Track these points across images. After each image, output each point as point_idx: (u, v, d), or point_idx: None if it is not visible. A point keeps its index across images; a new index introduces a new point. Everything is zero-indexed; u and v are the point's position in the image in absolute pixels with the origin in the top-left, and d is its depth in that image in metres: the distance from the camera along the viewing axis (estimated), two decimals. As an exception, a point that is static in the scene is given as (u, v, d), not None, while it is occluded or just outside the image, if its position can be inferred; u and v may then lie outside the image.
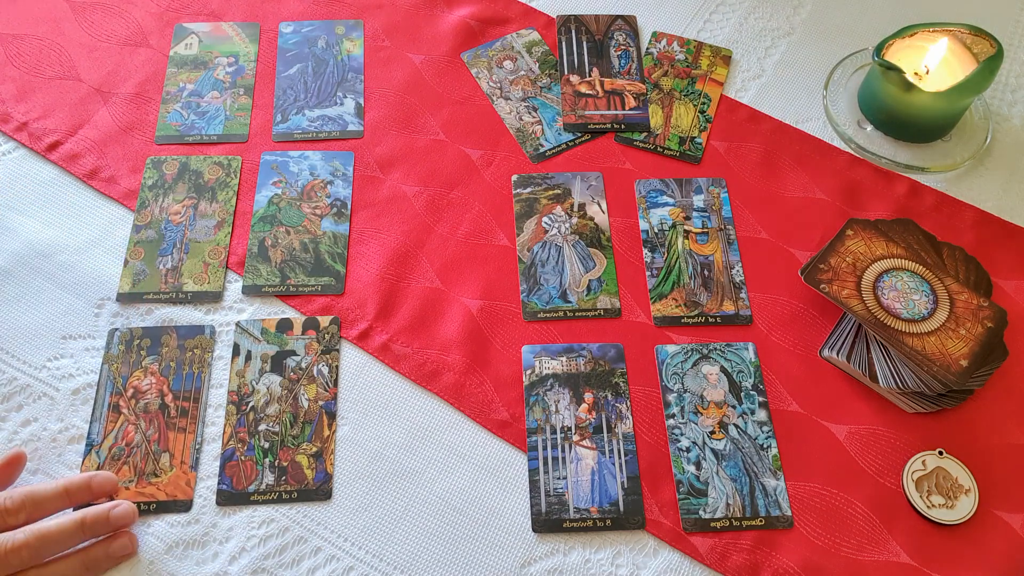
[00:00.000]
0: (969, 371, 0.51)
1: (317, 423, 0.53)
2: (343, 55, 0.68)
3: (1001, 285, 0.58)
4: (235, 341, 0.55)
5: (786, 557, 0.49)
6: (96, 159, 0.63)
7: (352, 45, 0.68)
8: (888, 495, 0.51)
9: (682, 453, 0.52)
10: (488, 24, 0.71)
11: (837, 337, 0.55)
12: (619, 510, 0.50)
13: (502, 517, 0.50)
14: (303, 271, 0.58)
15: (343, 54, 0.68)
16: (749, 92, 0.68)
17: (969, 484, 0.51)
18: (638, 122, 0.66)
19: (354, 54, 0.68)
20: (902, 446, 0.52)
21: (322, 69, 0.68)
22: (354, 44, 0.68)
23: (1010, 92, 0.69)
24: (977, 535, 0.49)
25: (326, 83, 0.67)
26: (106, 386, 0.53)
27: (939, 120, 0.64)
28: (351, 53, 0.68)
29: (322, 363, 0.55)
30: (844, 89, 0.68)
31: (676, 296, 0.58)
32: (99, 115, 0.65)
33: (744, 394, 0.54)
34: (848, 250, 0.56)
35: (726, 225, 0.61)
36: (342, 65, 0.68)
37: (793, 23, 0.72)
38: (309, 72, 0.68)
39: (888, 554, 0.49)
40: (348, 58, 0.68)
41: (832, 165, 0.64)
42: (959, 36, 0.63)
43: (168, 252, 0.59)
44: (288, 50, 0.69)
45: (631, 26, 0.71)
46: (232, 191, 0.61)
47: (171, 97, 0.66)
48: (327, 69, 0.68)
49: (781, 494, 0.50)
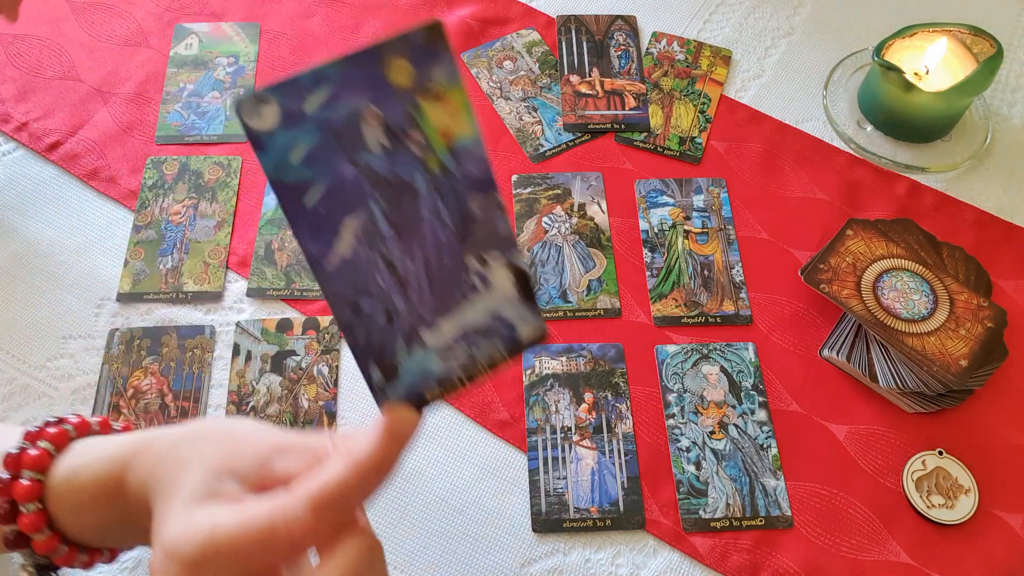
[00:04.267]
0: (969, 371, 0.51)
1: (317, 423, 0.53)
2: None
3: (1001, 285, 0.58)
4: (235, 341, 0.55)
5: (786, 557, 0.49)
6: (96, 159, 0.63)
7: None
8: (888, 495, 0.51)
9: (682, 453, 0.52)
10: (488, 24, 0.71)
11: (837, 337, 0.55)
12: (619, 510, 0.50)
13: (502, 517, 0.50)
14: (308, 275, 0.58)
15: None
16: (749, 92, 0.68)
17: (969, 484, 0.51)
18: (638, 122, 0.66)
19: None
20: (902, 446, 0.52)
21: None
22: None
23: (1010, 92, 0.69)
24: (977, 535, 0.49)
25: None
26: (106, 386, 0.53)
27: (939, 120, 0.64)
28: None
29: (322, 363, 0.55)
30: (844, 89, 0.68)
31: (676, 296, 0.58)
32: (99, 115, 0.65)
33: (744, 394, 0.54)
34: (848, 250, 0.56)
35: (726, 225, 0.61)
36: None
37: (793, 23, 0.72)
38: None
39: (888, 554, 0.49)
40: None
41: (832, 165, 0.64)
42: (959, 36, 0.63)
43: (168, 252, 0.59)
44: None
45: (631, 26, 0.71)
46: (232, 191, 0.61)
47: (171, 97, 0.66)
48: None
49: (781, 494, 0.50)
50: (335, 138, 0.27)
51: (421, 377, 0.31)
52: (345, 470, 0.30)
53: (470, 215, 0.29)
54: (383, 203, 0.28)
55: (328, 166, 0.28)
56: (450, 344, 0.31)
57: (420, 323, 0.30)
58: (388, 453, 0.30)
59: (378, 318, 0.30)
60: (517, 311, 0.31)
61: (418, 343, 0.31)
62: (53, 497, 0.35)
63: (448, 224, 0.29)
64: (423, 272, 0.30)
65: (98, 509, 0.35)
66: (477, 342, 0.31)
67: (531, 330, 0.32)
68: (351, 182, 0.28)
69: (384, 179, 0.28)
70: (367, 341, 0.30)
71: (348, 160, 0.28)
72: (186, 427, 0.35)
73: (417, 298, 0.30)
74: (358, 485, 0.30)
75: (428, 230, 0.29)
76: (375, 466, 0.30)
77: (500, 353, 0.32)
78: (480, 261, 0.30)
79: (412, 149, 0.28)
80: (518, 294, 0.31)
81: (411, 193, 0.29)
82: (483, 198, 0.29)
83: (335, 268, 0.29)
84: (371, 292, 0.29)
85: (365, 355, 0.30)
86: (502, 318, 0.31)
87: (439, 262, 0.30)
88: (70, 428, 0.37)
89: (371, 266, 0.29)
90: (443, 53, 0.27)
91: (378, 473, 0.30)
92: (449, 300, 0.30)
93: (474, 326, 0.31)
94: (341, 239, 0.29)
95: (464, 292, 0.31)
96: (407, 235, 0.29)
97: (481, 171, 0.29)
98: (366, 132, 0.27)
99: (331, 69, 0.27)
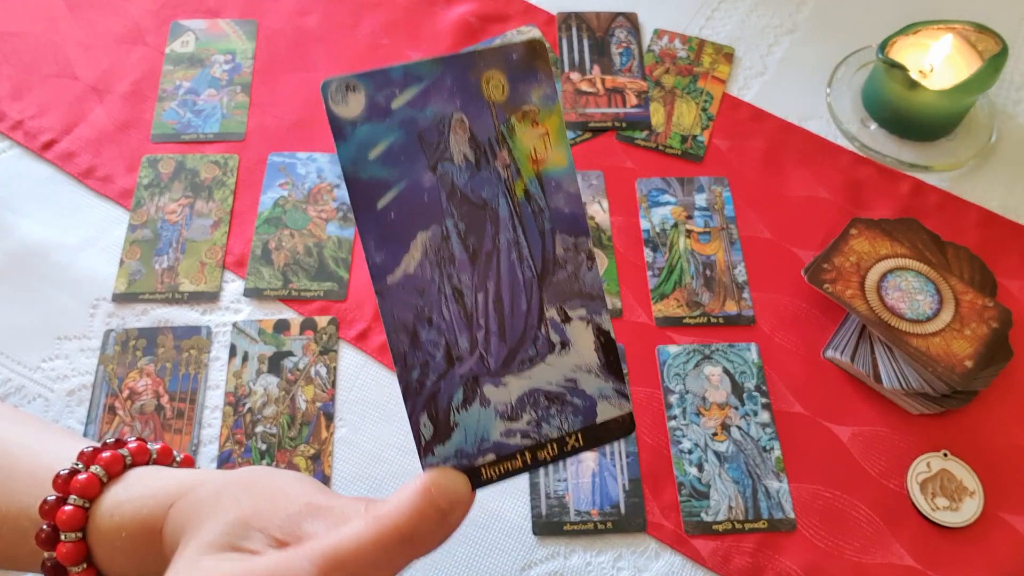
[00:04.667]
0: (974, 372, 0.50)
1: (315, 424, 0.52)
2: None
3: (1006, 285, 0.58)
4: (232, 342, 0.55)
5: (789, 560, 0.48)
6: (92, 158, 0.62)
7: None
8: (892, 497, 0.50)
9: (684, 455, 0.51)
10: (488, 21, 0.70)
11: (841, 338, 0.54)
12: (620, 513, 0.49)
13: (502, 520, 0.49)
14: (306, 275, 0.57)
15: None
16: (752, 90, 0.67)
17: (974, 486, 0.50)
18: (639, 120, 0.65)
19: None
20: (906, 448, 0.52)
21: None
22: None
23: (1015, 90, 0.68)
24: (982, 538, 0.49)
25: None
26: (101, 387, 0.53)
27: (943, 118, 0.63)
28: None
29: (320, 364, 0.54)
30: (848, 87, 0.67)
31: (678, 296, 0.57)
32: (95, 113, 0.64)
33: (747, 395, 0.53)
34: (852, 250, 0.55)
35: (728, 224, 0.60)
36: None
37: (796, 20, 0.72)
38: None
39: (892, 557, 0.48)
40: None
41: (836, 164, 0.63)
42: (964, 33, 0.62)
43: (164, 252, 0.58)
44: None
45: (632, 23, 0.71)
46: (229, 190, 0.61)
47: (167, 95, 0.65)
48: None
49: (784, 496, 0.50)
50: (419, 140, 0.26)
51: (477, 441, 0.27)
52: (364, 532, 0.26)
53: (554, 258, 0.27)
54: (460, 222, 0.26)
55: (407, 169, 0.26)
56: (515, 408, 0.27)
57: (484, 372, 0.27)
58: (421, 522, 0.26)
59: (437, 355, 0.27)
60: (598, 385, 0.28)
61: (479, 397, 0.27)
62: (93, 529, 0.33)
63: (528, 261, 0.27)
64: (494, 311, 0.27)
65: (136, 550, 0.32)
66: (548, 412, 0.27)
67: (614, 412, 0.28)
68: (429, 192, 0.26)
69: (464, 195, 0.26)
70: (421, 380, 0.27)
71: (428, 167, 0.26)
72: (233, 474, 0.32)
73: (484, 341, 0.27)
74: (377, 553, 0.25)
75: (505, 263, 0.27)
76: (402, 535, 0.26)
77: (574, 434, 0.27)
78: (561, 314, 0.27)
79: (498, 168, 0.26)
80: (601, 362, 0.28)
81: (492, 217, 0.26)
82: (571, 242, 0.27)
83: (397, 283, 0.26)
84: (433, 321, 0.27)
85: (416, 398, 0.27)
86: (579, 390, 0.27)
87: (513, 303, 0.27)
88: (126, 454, 0.35)
89: (437, 291, 0.26)
90: (542, 74, 0.26)
91: (405, 545, 0.26)
92: (520, 352, 0.27)
93: (546, 391, 0.27)
94: (410, 254, 0.26)
95: (538, 347, 0.27)
96: (482, 265, 0.27)
97: (572, 209, 0.27)
98: (452, 140, 0.26)
99: (423, 67, 0.25)
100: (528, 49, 0.26)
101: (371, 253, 0.26)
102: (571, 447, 0.28)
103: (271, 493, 0.30)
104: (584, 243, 0.27)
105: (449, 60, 0.26)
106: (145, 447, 0.36)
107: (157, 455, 0.37)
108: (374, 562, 0.25)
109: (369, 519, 0.26)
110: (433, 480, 0.26)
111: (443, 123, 0.26)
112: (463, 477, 0.27)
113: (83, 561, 0.33)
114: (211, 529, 0.29)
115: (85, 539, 0.33)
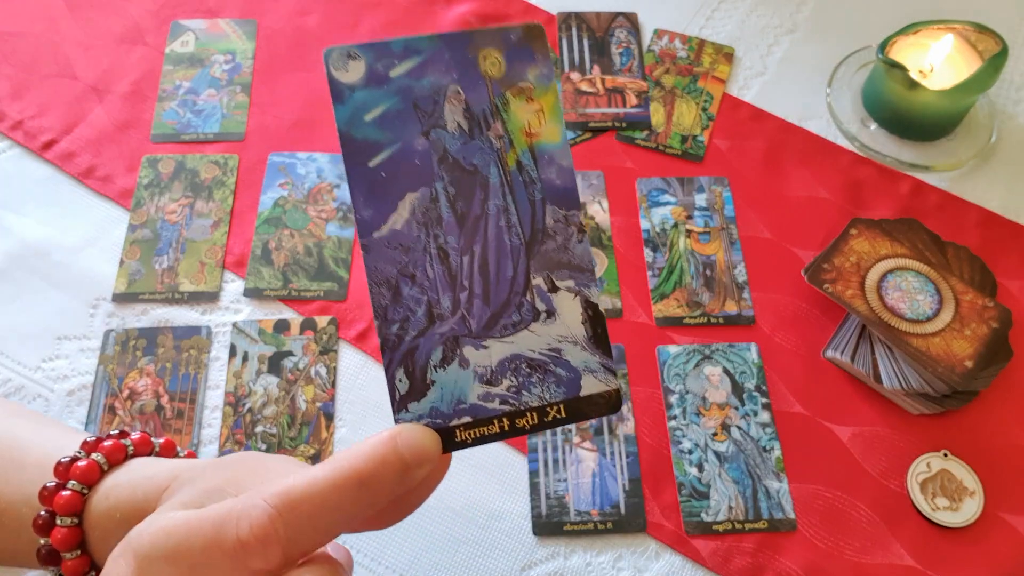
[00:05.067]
0: (974, 372, 0.50)
1: (315, 425, 0.52)
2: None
3: (1006, 285, 0.58)
4: (232, 342, 0.55)
5: (789, 560, 0.48)
6: (91, 158, 0.62)
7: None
8: (892, 497, 0.50)
9: (684, 455, 0.51)
10: (487, 21, 0.70)
11: (841, 338, 0.54)
12: (620, 513, 0.49)
13: (502, 520, 0.49)
14: (306, 275, 0.57)
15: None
16: (752, 90, 0.67)
17: (974, 486, 0.50)
18: (639, 120, 0.65)
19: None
20: (906, 448, 0.52)
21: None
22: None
23: (1015, 90, 0.68)
24: (982, 538, 0.49)
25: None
26: (101, 387, 0.53)
27: (943, 118, 0.63)
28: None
29: (320, 364, 0.54)
30: (848, 87, 0.67)
31: (678, 296, 0.57)
32: (94, 113, 0.64)
33: (747, 395, 0.53)
34: (852, 250, 0.55)
35: (728, 224, 0.60)
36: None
37: (796, 20, 0.72)
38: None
39: (892, 557, 0.48)
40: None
41: (836, 164, 0.63)
42: (964, 33, 0.62)
43: (164, 252, 0.58)
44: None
45: (632, 23, 0.71)
46: (229, 190, 0.61)
47: (167, 95, 0.65)
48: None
49: (784, 496, 0.50)
50: (413, 107, 0.27)
51: (453, 402, 0.27)
52: (320, 473, 0.25)
53: (544, 228, 0.27)
54: (450, 186, 0.27)
55: (401, 132, 0.27)
56: (495, 372, 0.27)
57: (465, 333, 0.27)
58: (380, 467, 0.25)
59: (418, 311, 0.27)
60: (583, 357, 0.27)
61: (458, 357, 0.27)
62: (89, 515, 0.33)
63: (517, 228, 0.27)
64: (479, 274, 0.27)
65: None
66: (529, 380, 0.27)
67: (600, 387, 0.27)
68: (420, 155, 0.27)
69: (455, 161, 0.27)
70: (399, 335, 0.27)
71: (422, 132, 0.27)
72: (221, 457, 0.33)
73: (467, 303, 0.27)
74: (332, 493, 0.25)
75: (493, 229, 0.27)
76: (359, 478, 0.25)
77: (556, 405, 0.27)
78: (548, 283, 0.27)
79: (491, 138, 0.27)
80: (587, 334, 0.27)
81: (481, 183, 0.27)
82: (562, 214, 0.27)
83: (383, 238, 0.27)
84: (416, 278, 0.27)
85: (393, 352, 0.27)
86: (563, 360, 0.27)
87: (499, 268, 0.27)
88: (128, 443, 0.35)
89: (423, 250, 0.27)
90: (539, 55, 0.27)
91: (362, 488, 0.25)
92: (503, 317, 0.27)
93: (528, 358, 0.27)
94: (397, 212, 0.27)
95: (522, 313, 0.27)
96: (469, 228, 0.27)
97: (564, 182, 0.27)
98: (446, 109, 0.27)
99: (423, 42, 0.27)
100: (526, 31, 0.27)
101: (359, 208, 0.27)
102: (552, 418, 0.27)
103: (254, 468, 0.30)
104: (575, 216, 0.27)
105: (448, 37, 0.27)
106: (148, 439, 0.36)
107: (160, 448, 0.37)
108: (329, 502, 0.25)
109: (327, 463, 0.26)
110: (400, 431, 0.26)
111: (439, 93, 0.27)
112: (433, 434, 0.27)
113: (77, 548, 0.32)
114: (186, 492, 0.29)
115: (81, 526, 0.33)
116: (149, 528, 0.27)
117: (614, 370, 0.28)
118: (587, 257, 0.27)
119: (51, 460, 0.34)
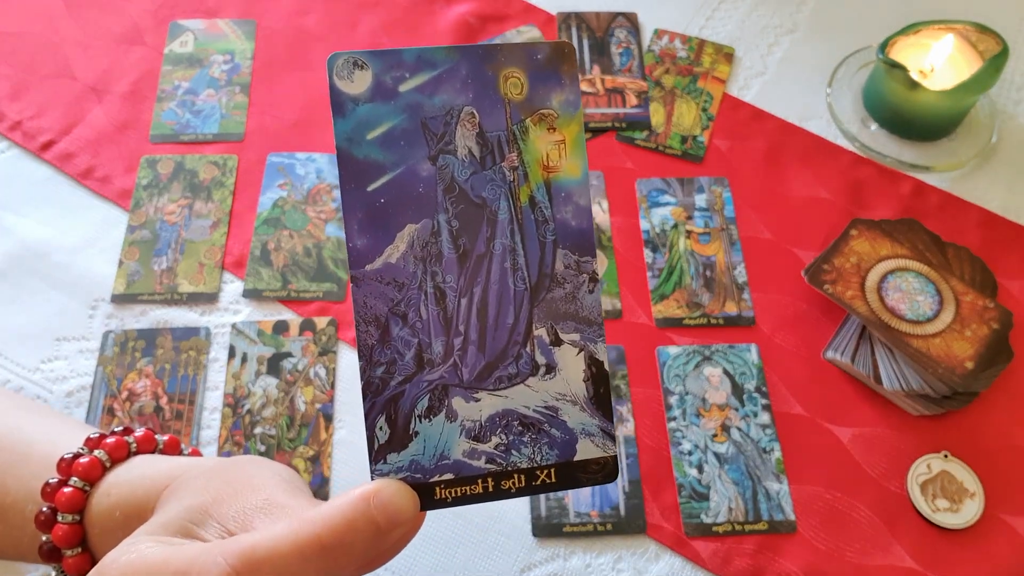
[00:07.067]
0: (974, 373, 0.50)
1: (314, 426, 0.52)
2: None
3: (1007, 286, 0.57)
4: (231, 343, 0.55)
5: (789, 561, 0.48)
6: (90, 158, 0.62)
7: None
8: (892, 499, 0.50)
9: (684, 456, 0.51)
10: (487, 21, 0.70)
11: (841, 339, 0.54)
12: (620, 514, 0.49)
13: (502, 522, 0.49)
14: (305, 276, 0.57)
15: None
16: (752, 90, 0.67)
17: (975, 488, 0.50)
18: (639, 120, 0.65)
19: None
20: (907, 449, 0.52)
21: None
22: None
23: (1016, 90, 0.68)
24: (983, 539, 0.49)
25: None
26: (100, 388, 0.53)
27: (944, 119, 0.63)
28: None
29: (319, 365, 0.54)
30: (848, 87, 0.67)
31: (678, 297, 0.57)
32: (93, 114, 0.64)
33: (747, 396, 0.53)
34: (852, 250, 0.55)
35: (728, 225, 0.60)
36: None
37: (796, 20, 0.72)
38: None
39: (892, 558, 0.48)
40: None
41: (836, 164, 0.63)
42: (964, 33, 0.62)
43: (163, 252, 0.58)
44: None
45: (632, 23, 0.70)
46: (228, 191, 0.61)
47: (166, 95, 0.65)
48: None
49: (784, 498, 0.50)
50: (422, 127, 0.24)
51: (436, 456, 0.25)
52: (283, 535, 0.24)
53: (552, 273, 0.25)
54: (454, 219, 0.24)
55: (405, 155, 0.24)
56: (484, 428, 0.25)
57: (456, 383, 0.25)
58: (348, 534, 0.23)
59: (407, 354, 0.25)
60: (582, 419, 0.25)
61: (446, 408, 0.25)
62: (91, 512, 0.32)
63: (523, 271, 0.25)
64: (476, 318, 0.25)
65: (128, 531, 0.30)
66: (520, 439, 0.25)
67: (596, 452, 0.25)
68: (425, 182, 0.24)
69: (462, 192, 0.24)
70: (384, 379, 0.25)
71: (428, 156, 0.24)
72: (221, 460, 0.32)
73: (460, 349, 0.25)
74: (293, 559, 0.23)
75: (497, 270, 0.25)
76: (322, 545, 0.24)
77: (546, 469, 0.25)
78: (551, 335, 0.25)
79: (504, 169, 0.24)
80: (589, 394, 0.25)
81: (489, 218, 0.24)
82: (574, 259, 0.25)
83: (376, 271, 0.25)
84: (408, 318, 0.25)
85: (376, 397, 0.25)
86: (560, 421, 0.25)
87: (499, 314, 0.25)
88: (131, 440, 0.35)
89: (418, 288, 0.25)
90: (567, 79, 0.24)
91: (326, 556, 0.23)
92: (499, 368, 0.25)
93: (521, 415, 0.25)
94: (394, 244, 0.24)
95: (520, 366, 0.25)
96: (470, 267, 0.25)
97: (580, 224, 0.24)
98: (458, 133, 0.24)
99: (439, 54, 0.24)
100: (555, 50, 0.24)
101: (352, 237, 0.25)
102: (541, 482, 0.25)
103: (240, 484, 0.29)
104: (588, 264, 0.25)
105: (467, 50, 0.24)
106: (152, 436, 0.36)
107: (164, 446, 0.36)
108: (291, 567, 0.24)
109: (295, 522, 0.24)
110: (375, 491, 0.24)
111: (451, 113, 0.24)
112: (411, 493, 0.25)
113: (78, 545, 0.32)
114: (172, 509, 0.29)
115: (82, 523, 0.33)
116: (119, 560, 0.26)
117: (613, 435, 0.26)
118: (596, 309, 0.25)
119: (55, 455, 0.34)
